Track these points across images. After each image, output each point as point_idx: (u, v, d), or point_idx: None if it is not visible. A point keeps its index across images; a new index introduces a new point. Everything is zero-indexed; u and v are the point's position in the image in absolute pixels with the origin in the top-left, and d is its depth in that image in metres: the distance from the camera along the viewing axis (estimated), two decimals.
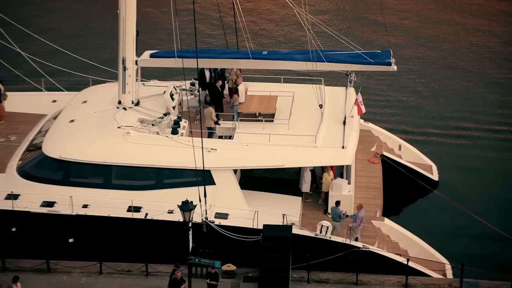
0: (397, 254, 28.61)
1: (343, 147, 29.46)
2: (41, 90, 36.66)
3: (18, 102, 35.73)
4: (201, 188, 27.56)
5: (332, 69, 31.90)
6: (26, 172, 30.17)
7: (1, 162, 31.37)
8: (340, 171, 31.59)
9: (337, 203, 28.98)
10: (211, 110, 30.83)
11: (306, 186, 30.66)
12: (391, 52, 31.55)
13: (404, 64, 45.25)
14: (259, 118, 31.24)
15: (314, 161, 29.87)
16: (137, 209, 28.68)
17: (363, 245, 28.20)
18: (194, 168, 27.84)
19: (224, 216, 28.59)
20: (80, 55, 38.51)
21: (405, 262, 27.98)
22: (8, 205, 28.67)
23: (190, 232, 26.45)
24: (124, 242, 28.94)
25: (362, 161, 33.31)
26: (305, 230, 28.39)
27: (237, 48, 34.19)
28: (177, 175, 29.23)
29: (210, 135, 31.16)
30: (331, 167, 30.65)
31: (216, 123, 31.04)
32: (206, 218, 27.84)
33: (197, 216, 27.04)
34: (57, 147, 30.14)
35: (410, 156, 35.19)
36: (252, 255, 27.68)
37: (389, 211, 31.85)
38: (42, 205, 29.00)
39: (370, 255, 28.07)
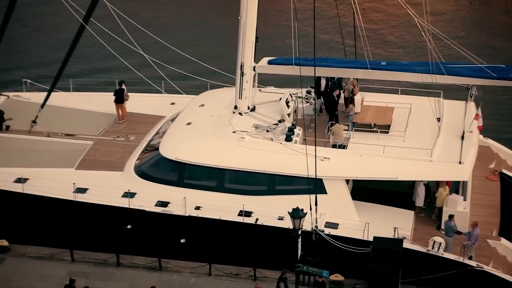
0: None
1: (460, 163, 28.67)
2: (161, 92, 37.60)
3: (139, 103, 36.78)
4: (313, 196, 27.47)
5: (452, 82, 31.07)
6: (143, 172, 30.98)
7: (120, 160, 32.35)
8: (455, 187, 30.73)
9: (450, 216, 28.25)
10: (343, 127, 30.63)
11: (419, 200, 30.01)
12: None
13: None
14: (374, 129, 30.87)
15: (429, 175, 29.21)
16: (248, 213, 28.90)
17: (477, 264, 27.30)
18: (306, 176, 27.78)
19: (334, 225, 28.38)
20: (199, 59, 39.25)
21: None
22: (124, 203, 29.54)
23: (299, 240, 26.46)
24: (233, 245, 29.23)
25: (480, 178, 32.24)
26: (417, 245, 27.78)
27: (355, 57, 33.96)
28: (289, 182, 29.25)
29: None
30: (447, 182, 29.88)
31: None
32: (316, 227, 27.71)
33: (307, 224, 26.99)
34: (174, 148, 30.79)
35: None
36: (361, 266, 27.35)
37: (506, 231, 30.66)
38: (156, 205, 29.66)
39: (484, 275, 27.13)
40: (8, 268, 29.80)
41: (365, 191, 30.50)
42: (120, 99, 35.87)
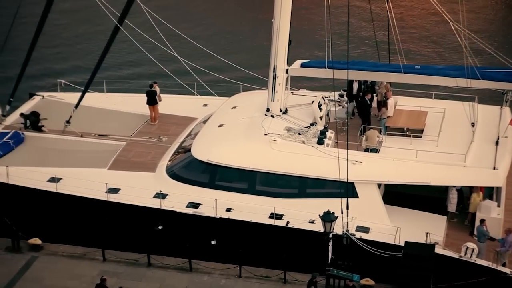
0: None
1: (494, 168, 28.35)
2: (193, 94, 37.74)
3: (171, 104, 36.94)
4: (344, 200, 27.35)
5: (487, 87, 30.69)
6: (174, 173, 31.09)
7: (152, 162, 32.51)
8: (489, 193, 30.39)
9: (482, 221, 27.98)
10: (377, 133, 30.48)
11: (451, 206, 29.71)
12: None
13: None
14: (407, 133, 30.67)
15: (462, 181, 28.91)
16: (279, 216, 28.85)
17: (510, 271, 26.94)
18: (338, 180, 27.68)
19: (366, 230, 28.21)
20: (232, 61, 39.35)
21: None
22: (156, 204, 29.67)
23: (330, 243, 26.36)
24: (264, 248, 29.20)
25: None
26: (449, 250, 27.52)
27: (388, 61, 33.76)
28: (321, 185, 29.15)
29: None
30: (480, 188, 29.56)
31: None
32: (347, 231, 27.57)
33: (338, 228, 26.89)
34: (205, 150, 30.86)
35: None
36: (392, 271, 27.16)
37: None
38: (187, 206, 29.75)
39: None
40: (41, 266, 30.12)
41: (397, 195, 30.30)
42: (151, 100, 36.03)
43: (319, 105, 31.87)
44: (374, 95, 33.38)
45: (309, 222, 28.27)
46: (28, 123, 35.19)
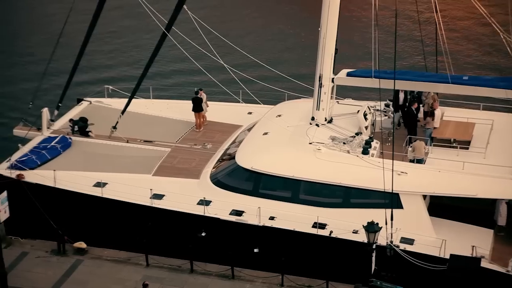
0: None
1: None
2: (238, 102, 37.82)
3: (216, 111, 37.09)
4: (388, 211, 27.10)
5: None
6: (218, 180, 31.17)
7: (196, 168, 32.65)
8: None
9: None
10: (424, 144, 30.17)
11: (501, 219, 29.21)
12: None
13: None
14: (454, 144, 30.28)
15: (510, 194, 28.41)
16: (322, 226, 28.73)
17: None
18: (383, 190, 27.44)
19: (410, 241, 27.91)
20: (277, 69, 39.33)
21: None
22: (200, 210, 29.77)
23: (374, 254, 26.13)
24: (307, 257, 29.08)
25: None
26: (495, 264, 27.05)
27: (436, 71, 33.40)
28: (365, 195, 28.94)
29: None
30: None
31: None
32: (391, 242, 27.31)
33: (381, 239, 26.64)
34: (250, 158, 30.89)
35: None
36: (436, 284, 26.80)
37: None
38: (231, 213, 29.79)
39: None
40: (85, 270, 30.48)
41: (442, 207, 29.90)
42: (197, 107, 36.20)
43: (365, 115, 31.68)
44: (421, 105, 33.05)
45: (353, 232, 28.08)
46: (76, 128, 35.68)
